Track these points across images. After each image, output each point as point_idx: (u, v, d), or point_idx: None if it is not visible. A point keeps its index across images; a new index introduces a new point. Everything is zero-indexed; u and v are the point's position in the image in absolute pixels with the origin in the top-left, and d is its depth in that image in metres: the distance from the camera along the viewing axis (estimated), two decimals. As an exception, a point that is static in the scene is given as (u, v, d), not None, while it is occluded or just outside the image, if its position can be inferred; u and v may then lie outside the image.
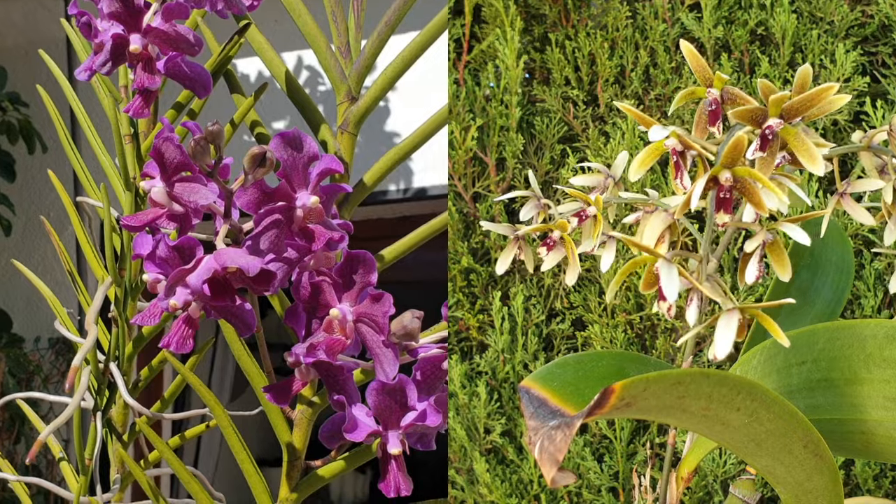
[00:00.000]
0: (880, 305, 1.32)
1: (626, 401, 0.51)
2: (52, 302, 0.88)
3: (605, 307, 1.42)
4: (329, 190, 0.59)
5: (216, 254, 0.53)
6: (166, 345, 0.57)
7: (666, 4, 1.47)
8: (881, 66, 1.44)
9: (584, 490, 1.39)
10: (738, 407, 0.55)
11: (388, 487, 0.55)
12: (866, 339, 0.65)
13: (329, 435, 0.57)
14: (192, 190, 0.56)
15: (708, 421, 0.56)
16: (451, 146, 1.48)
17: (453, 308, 1.49)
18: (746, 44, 1.43)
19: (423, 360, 0.57)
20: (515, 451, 1.42)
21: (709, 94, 0.63)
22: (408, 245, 0.75)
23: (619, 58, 1.48)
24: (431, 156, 1.83)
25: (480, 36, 1.56)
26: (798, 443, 0.59)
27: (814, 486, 0.63)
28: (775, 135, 0.59)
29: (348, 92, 0.72)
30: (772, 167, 0.58)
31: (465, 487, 1.44)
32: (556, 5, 1.53)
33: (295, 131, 0.55)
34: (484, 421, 1.43)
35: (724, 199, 0.58)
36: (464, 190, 1.50)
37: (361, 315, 0.56)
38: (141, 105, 0.66)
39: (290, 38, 0.77)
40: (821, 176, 0.58)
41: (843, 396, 0.66)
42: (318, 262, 0.59)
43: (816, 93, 0.58)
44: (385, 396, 0.55)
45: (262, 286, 0.53)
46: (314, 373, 0.59)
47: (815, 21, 1.42)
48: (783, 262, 0.62)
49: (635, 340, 1.42)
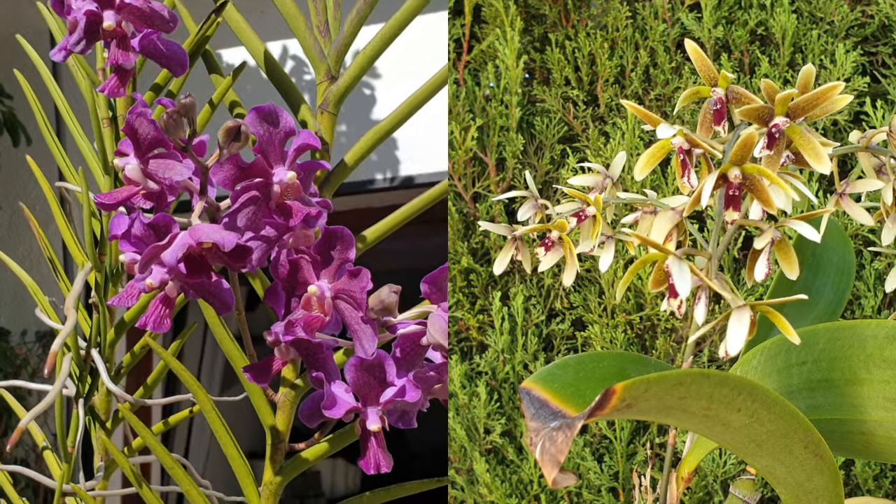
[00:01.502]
0: (880, 305, 1.32)
1: (627, 402, 0.50)
2: (33, 290, 0.88)
3: (605, 307, 1.42)
4: (307, 167, 0.58)
5: (191, 229, 0.52)
6: (143, 325, 0.56)
7: (666, 4, 1.46)
8: (881, 66, 1.44)
9: (584, 490, 1.39)
10: (739, 408, 0.55)
11: (367, 464, 0.55)
12: (867, 339, 0.65)
13: (309, 413, 0.56)
14: (167, 166, 0.55)
15: (709, 421, 0.56)
16: (451, 146, 1.48)
17: (453, 308, 1.49)
18: (746, 44, 1.43)
19: (402, 337, 0.57)
20: (515, 452, 1.42)
21: (714, 93, 0.63)
22: (390, 225, 0.75)
23: (619, 58, 1.48)
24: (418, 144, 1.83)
25: (480, 36, 1.56)
26: (799, 443, 0.59)
27: (814, 486, 0.63)
28: (782, 133, 0.59)
29: (328, 71, 0.72)
30: (778, 165, 0.59)
31: (465, 487, 1.44)
32: (556, 5, 1.52)
33: (271, 105, 0.55)
34: (484, 421, 1.43)
35: (733, 196, 0.58)
36: (464, 190, 1.50)
37: (339, 291, 0.55)
38: (116, 84, 0.65)
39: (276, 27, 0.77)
40: (823, 175, 0.58)
41: (844, 397, 0.66)
42: (298, 239, 0.58)
43: (822, 91, 0.59)
44: (363, 372, 0.54)
45: (238, 262, 0.53)
46: (294, 352, 0.58)
47: (815, 21, 1.42)
48: (791, 259, 0.62)
49: (635, 341, 1.42)
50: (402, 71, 1.70)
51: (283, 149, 0.55)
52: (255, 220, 0.55)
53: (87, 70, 0.81)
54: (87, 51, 0.65)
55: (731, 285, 0.62)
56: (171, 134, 0.52)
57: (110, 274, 0.82)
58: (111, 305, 0.67)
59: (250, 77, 0.80)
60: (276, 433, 0.70)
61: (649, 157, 0.62)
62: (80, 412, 0.84)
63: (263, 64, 0.73)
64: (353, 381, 0.55)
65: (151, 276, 0.54)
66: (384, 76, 1.84)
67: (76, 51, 0.64)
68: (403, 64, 1.60)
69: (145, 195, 0.59)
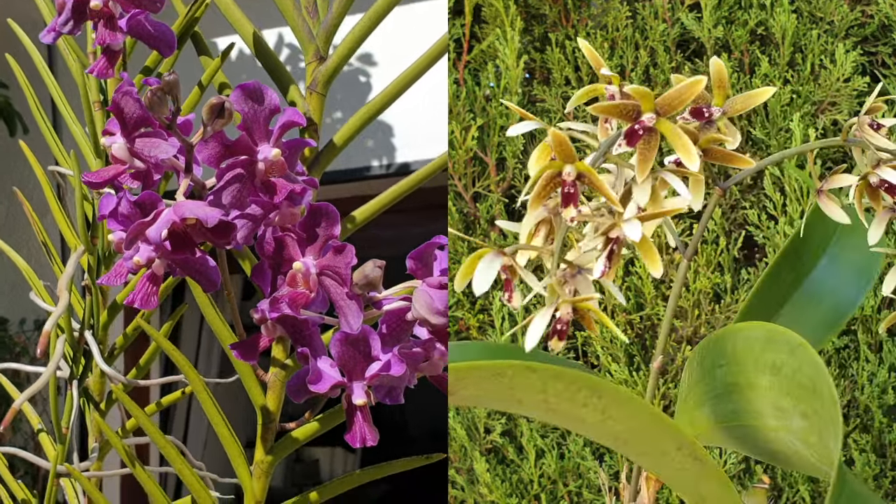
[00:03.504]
0: (880, 305, 1.32)
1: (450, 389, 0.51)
2: (28, 274, 0.88)
3: (604, 307, 1.42)
4: (292, 144, 0.59)
5: (175, 206, 0.52)
6: (130, 302, 0.57)
7: (666, 4, 1.47)
8: (881, 66, 1.44)
9: (584, 490, 1.40)
10: (585, 403, 0.55)
11: (353, 438, 0.55)
12: (752, 342, 0.62)
13: (295, 389, 0.57)
14: (153, 145, 0.55)
15: (561, 416, 0.56)
16: (451, 146, 1.48)
17: (453, 308, 1.49)
18: (746, 44, 1.43)
19: (388, 313, 0.57)
20: (515, 451, 1.43)
21: (607, 90, 0.63)
22: (379, 205, 0.75)
23: (619, 58, 1.48)
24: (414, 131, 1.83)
25: (480, 36, 1.56)
26: (671, 444, 0.58)
27: (707, 492, 0.61)
28: (648, 130, 0.58)
29: (316, 52, 0.72)
30: (650, 163, 0.58)
31: (465, 487, 1.44)
32: (556, 5, 1.53)
33: (255, 83, 0.55)
34: (484, 421, 1.43)
35: (569, 194, 0.57)
36: (464, 190, 1.50)
37: (325, 268, 0.56)
38: (105, 65, 0.65)
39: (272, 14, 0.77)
40: (695, 171, 0.57)
41: (748, 402, 0.63)
42: (284, 217, 0.58)
43: (686, 87, 0.58)
44: (348, 347, 0.55)
45: (222, 239, 0.53)
46: (281, 329, 0.58)
47: (815, 21, 1.43)
48: (652, 257, 0.59)
49: (635, 340, 1.42)
50: (401, 60, 1.70)
51: (267, 126, 0.56)
52: (241, 198, 0.56)
53: (78, 53, 0.82)
54: (76, 31, 0.66)
55: (558, 286, 0.60)
56: (156, 112, 0.52)
57: (103, 256, 0.83)
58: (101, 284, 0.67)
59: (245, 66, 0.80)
60: (266, 413, 0.70)
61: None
62: (75, 393, 0.84)
63: (252, 46, 0.73)
64: (338, 356, 0.55)
65: (139, 254, 0.55)
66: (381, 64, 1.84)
67: (64, 31, 0.64)
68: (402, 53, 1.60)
69: (133, 175, 0.59)
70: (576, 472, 1.39)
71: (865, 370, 1.32)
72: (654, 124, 0.57)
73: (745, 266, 1.42)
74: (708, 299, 1.38)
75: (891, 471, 1.29)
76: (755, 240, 1.40)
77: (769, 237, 1.36)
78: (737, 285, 1.39)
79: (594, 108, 0.56)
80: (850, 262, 0.80)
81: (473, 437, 1.44)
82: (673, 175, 0.58)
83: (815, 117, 1.40)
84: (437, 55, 0.75)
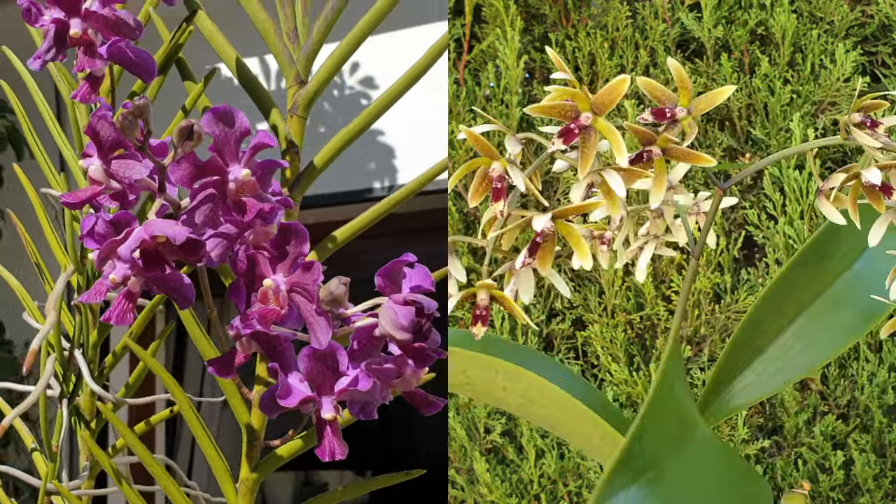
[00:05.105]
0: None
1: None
2: (20, 293, 0.90)
3: (605, 307, 1.43)
4: (265, 165, 0.60)
5: (145, 224, 0.54)
6: (107, 318, 0.58)
7: (666, 4, 1.48)
8: (881, 66, 1.45)
9: (584, 490, 1.40)
10: (504, 387, 0.56)
11: (322, 452, 0.56)
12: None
13: (267, 403, 0.58)
14: (127, 166, 0.57)
15: (485, 397, 0.57)
16: (452, 146, 1.49)
17: (454, 308, 1.50)
18: (746, 44, 1.44)
19: (358, 330, 0.59)
20: (515, 451, 1.43)
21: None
22: (361, 224, 0.76)
23: (619, 58, 1.49)
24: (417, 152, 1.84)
25: (480, 36, 1.57)
26: (595, 433, 0.59)
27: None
28: (584, 128, 0.59)
29: (297, 76, 0.74)
30: (590, 161, 0.59)
31: (465, 487, 1.44)
32: (556, 5, 1.54)
33: (225, 106, 0.57)
34: (484, 421, 1.43)
35: (497, 188, 0.60)
36: (464, 190, 1.51)
37: (294, 284, 0.57)
38: (88, 90, 0.67)
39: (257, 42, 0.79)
40: (624, 166, 0.59)
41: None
42: (258, 236, 0.60)
43: (613, 86, 0.59)
44: (316, 362, 0.56)
45: (192, 256, 0.55)
46: (255, 345, 0.60)
47: (815, 21, 1.44)
48: (582, 250, 0.60)
49: (635, 340, 1.43)
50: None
51: (238, 148, 0.57)
52: (213, 217, 0.57)
53: (68, 78, 0.84)
54: (59, 58, 0.67)
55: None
56: (128, 134, 0.54)
57: (91, 276, 0.85)
58: (82, 302, 0.68)
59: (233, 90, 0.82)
60: (251, 430, 0.71)
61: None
62: (64, 412, 0.85)
63: (235, 70, 0.75)
64: (306, 371, 0.56)
65: (115, 272, 0.57)
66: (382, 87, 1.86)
67: (48, 59, 0.66)
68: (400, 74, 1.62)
69: (111, 195, 0.61)
70: (576, 472, 1.39)
71: (865, 370, 1.32)
72: (590, 123, 0.59)
73: (745, 266, 1.42)
74: (708, 299, 1.39)
75: (891, 471, 1.29)
76: (755, 240, 1.41)
77: (769, 237, 1.37)
78: (737, 285, 1.40)
79: (531, 109, 0.58)
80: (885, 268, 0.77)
81: (473, 437, 1.44)
82: (614, 172, 0.59)
83: (815, 117, 1.41)
84: (414, 78, 0.76)
